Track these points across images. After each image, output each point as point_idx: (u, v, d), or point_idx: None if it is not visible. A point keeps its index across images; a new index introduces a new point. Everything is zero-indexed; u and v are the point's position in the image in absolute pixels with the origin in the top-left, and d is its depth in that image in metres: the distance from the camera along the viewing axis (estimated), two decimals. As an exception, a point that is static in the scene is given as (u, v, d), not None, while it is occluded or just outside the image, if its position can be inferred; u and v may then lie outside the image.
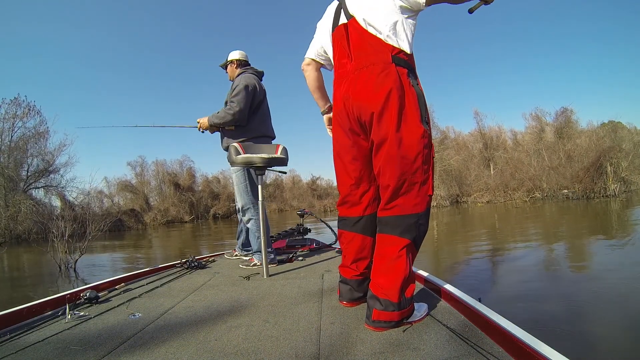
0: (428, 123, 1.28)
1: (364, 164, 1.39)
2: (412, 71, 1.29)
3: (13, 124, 17.20)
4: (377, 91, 1.23)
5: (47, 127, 18.43)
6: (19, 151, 16.96)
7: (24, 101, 17.80)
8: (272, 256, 2.40)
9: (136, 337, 1.21)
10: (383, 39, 1.26)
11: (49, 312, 1.48)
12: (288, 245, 3.02)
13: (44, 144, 18.35)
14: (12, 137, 17.14)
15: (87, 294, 1.60)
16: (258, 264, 2.36)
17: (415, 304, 1.27)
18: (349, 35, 1.34)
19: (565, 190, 15.94)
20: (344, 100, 1.34)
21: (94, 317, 1.43)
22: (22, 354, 1.10)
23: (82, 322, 1.38)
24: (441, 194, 18.72)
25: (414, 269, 1.79)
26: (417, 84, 1.29)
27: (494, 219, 10.71)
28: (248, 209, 2.42)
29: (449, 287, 1.45)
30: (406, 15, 1.29)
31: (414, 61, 1.33)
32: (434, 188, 1.30)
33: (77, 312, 1.46)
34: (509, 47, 45.74)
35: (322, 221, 3.65)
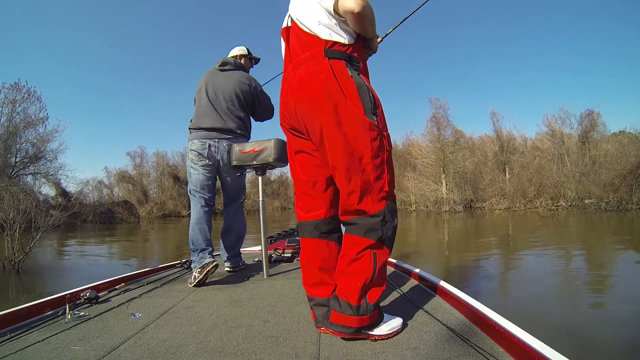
0: (376, 114, 1.17)
1: (313, 164, 1.29)
2: (352, 61, 1.21)
3: (12, 108, 16.95)
4: (310, 89, 1.17)
5: (47, 114, 18.33)
6: (9, 136, 16.76)
7: (24, 86, 17.63)
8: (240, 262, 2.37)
9: (136, 337, 1.21)
10: (316, 34, 1.21)
11: (49, 312, 1.48)
12: (288, 246, 3.02)
13: (43, 130, 18.23)
14: (10, 122, 16.91)
15: (87, 294, 1.60)
16: (197, 275, 1.93)
17: (387, 315, 1.19)
18: (290, 37, 1.30)
19: (592, 199, 14.58)
20: (284, 103, 1.29)
21: (94, 317, 1.43)
22: (22, 354, 1.10)
23: (82, 322, 1.38)
24: (454, 199, 18.25)
25: (417, 270, 1.80)
26: (359, 74, 1.19)
27: (520, 231, 9.32)
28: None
29: (448, 286, 1.45)
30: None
31: (359, 49, 1.25)
32: (391, 183, 1.20)
33: (77, 312, 1.46)
34: (514, 48, 45.45)
35: None
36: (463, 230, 10.21)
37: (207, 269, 1.92)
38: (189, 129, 2.32)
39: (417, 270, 1.79)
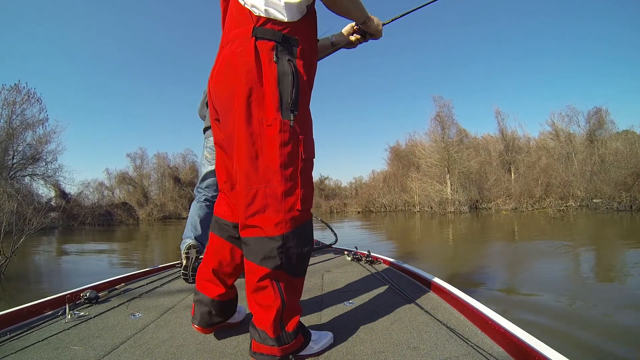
0: (295, 111, 0.97)
1: (230, 163, 1.13)
2: (288, 43, 1.00)
3: (12, 110, 17.07)
4: (227, 74, 0.99)
5: (47, 115, 18.56)
6: (7, 137, 16.91)
7: (24, 88, 17.81)
8: None
9: (136, 337, 1.21)
10: (248, 7, 1.00)
11: (49, 312, 1.48)
12: None
13: (43, 131, 18.46)
14: (9, 124, 17.05)
15: (87, 294, 1.60)
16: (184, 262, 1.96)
17: (315, 332, 1.09)
18: (228, 10, 1.10)
19: (600, 199, 14.31)
20: (208, 90, 1.12)
21: (94, 317, 1.43)
22: (22, 354, 1.10)
23: (82, 322, 1.38)
24: (459, 199, 18.12)
25: (417, 270, 1.79)
26: (288, 61, 0.98)
27: (532, 233, 8.74)
28: None
29: (448, 286, 1.44)
30: None
31: (304, 30, 1.04)
32: (306, 201, 1.00)
33: (77, 312, 1.46)
34: (517, 47, 45.26)
35: (322, 221, 3.64)
36: (469, 232, 9.97)
37: (189, 253, 1.91)
38: (204, 129, 2.27)
39: (417, 270, 1.78)
